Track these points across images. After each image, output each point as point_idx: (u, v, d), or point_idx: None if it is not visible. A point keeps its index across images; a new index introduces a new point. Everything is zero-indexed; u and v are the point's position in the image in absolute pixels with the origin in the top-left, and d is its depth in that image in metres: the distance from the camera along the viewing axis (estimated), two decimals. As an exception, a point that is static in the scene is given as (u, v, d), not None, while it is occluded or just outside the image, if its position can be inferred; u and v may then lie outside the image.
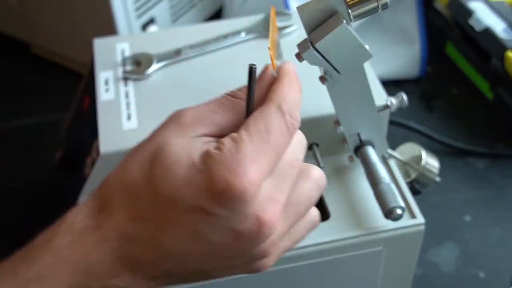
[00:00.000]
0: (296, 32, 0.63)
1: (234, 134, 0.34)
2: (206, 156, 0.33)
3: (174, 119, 0.36)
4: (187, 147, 0.34)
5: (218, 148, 0.33)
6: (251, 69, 0.36)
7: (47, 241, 0.34)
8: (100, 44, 0.63)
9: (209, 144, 0.34)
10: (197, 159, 0.33)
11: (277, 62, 0.38)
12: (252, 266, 0.36)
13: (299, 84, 0.37)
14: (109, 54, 0.61)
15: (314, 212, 0.39)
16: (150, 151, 0.35)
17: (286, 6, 0.85)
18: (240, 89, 0.38)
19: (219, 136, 0.36)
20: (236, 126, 0.36)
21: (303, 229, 0.39)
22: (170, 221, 0.33)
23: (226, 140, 0.34)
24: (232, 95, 0.37)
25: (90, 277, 0.34)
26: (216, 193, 0.32)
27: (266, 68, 0.38)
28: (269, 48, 0.38)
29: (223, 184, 0.32)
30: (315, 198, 0.38)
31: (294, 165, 0.36)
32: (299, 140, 0.37)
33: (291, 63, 0.39)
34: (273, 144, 0.34)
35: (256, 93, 0.37)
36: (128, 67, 0.59)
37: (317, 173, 0.37)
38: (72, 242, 0.34)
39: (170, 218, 0.33)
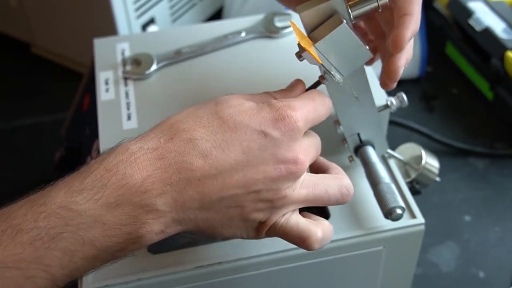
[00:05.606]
0: (296, 32, 0.63)
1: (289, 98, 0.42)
2: (270, 101, 0.40)
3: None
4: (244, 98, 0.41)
5: (278, 99, 0.41)
6: (319, 82, 0.45)
7: (101, 160, 0.37)
8: (100, 44, 0.63)
9: None
10: (260, 104, 0.40)
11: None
12: (264, 205, 0.40)
13: None
14: (109, 54, 0.61)
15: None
16: (209, 102, 0.40)
17: (286, 6, 0.85)
18: (277, 92, 0.45)
19: None
20: None
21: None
22: (231, 141, 0.38)
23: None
24: (271, 94, 0.44)
25: (136, 192, 0.36)
26: (278, 119, 0.39)
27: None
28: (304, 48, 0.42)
29: (286, 114, 0.39)
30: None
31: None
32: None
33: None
34: (317, 111, 0.42)
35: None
36: (128, 67, 0.59)
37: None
38: (127, 159, 0.37)
39: (232, 138, 0.38)
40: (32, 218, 0.35)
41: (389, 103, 0.54)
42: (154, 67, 0.59)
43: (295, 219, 0.42)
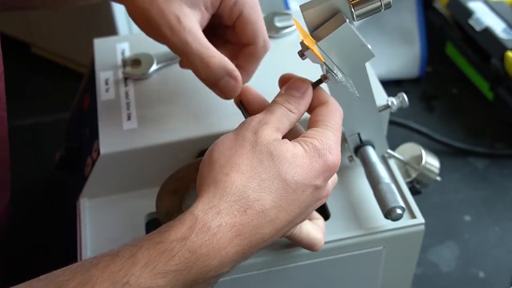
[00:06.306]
0: (297, 32, 0.63)
1: (322, 130, 0.44)
2: (315, 145, 0.42)
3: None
4: (288, 142, 0.42)
5: (320, 141, 0.43)
6: (321, 80, 0.45)
7: (183, 239, 0.38)
8: (100, 44, 0.63)
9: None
10: (307, 148, 0.42)
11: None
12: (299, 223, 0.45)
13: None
14: (109, 54, 0.61)
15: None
16: (262, 151, 0.41)
17: (286, 6, 0.85)
18: (291, 103, 0.45)
19: None
20: (288, 131, 0.45)
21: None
22: (292, 202, 0.41)
23: (321, 131, 0.44)
24: (288, 108, 0.45)
25: (214, 270, 0.39)
26: (326, 170, 0.42)
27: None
28: (306, 46, 0.41)
29: (332, 164, 0.42)
30: None
31: None
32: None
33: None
34: (340, 133, 0.45)
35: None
36: (128, 67, 0.59)
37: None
38: (210, 241, 0.38)
39: (293, 199, 0.41)
40: None
41: (389, 103, 0.54)
42: (154, 67, 0.59)
43: (305, 229, 0.47)
